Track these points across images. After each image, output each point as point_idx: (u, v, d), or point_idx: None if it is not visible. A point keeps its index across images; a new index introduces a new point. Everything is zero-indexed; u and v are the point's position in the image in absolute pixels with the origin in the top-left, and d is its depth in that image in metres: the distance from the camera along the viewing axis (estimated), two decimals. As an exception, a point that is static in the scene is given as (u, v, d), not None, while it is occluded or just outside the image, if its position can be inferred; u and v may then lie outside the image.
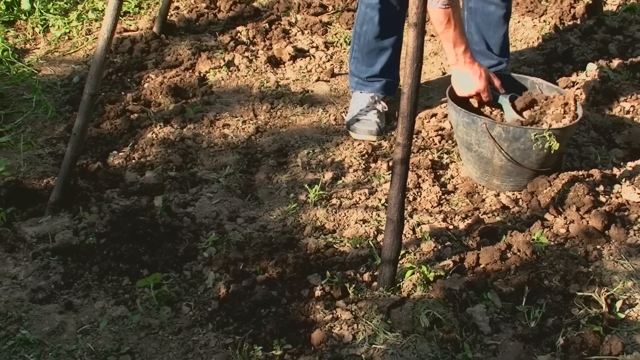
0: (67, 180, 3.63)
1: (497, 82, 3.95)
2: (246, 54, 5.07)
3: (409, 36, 2.90)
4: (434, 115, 4.43)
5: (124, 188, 3.84)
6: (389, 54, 4.35)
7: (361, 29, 4.33)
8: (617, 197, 3.68)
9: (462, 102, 3.89)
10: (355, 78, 4.44)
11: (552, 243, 3.39)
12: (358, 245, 3.46)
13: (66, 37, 5.36)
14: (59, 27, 5.42)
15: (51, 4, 5.63)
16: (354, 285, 3.17)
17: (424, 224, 3.59)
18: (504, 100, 3.91)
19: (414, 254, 3.38)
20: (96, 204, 3.68)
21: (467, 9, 4.43)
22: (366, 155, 4.10)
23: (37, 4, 5.55)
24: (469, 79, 3.90)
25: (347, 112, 4.45)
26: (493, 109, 3.95)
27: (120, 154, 4.12)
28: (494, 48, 4.40)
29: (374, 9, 4.23)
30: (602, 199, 3.65)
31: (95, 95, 3.57)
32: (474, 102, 3.96)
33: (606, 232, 3.44)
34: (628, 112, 4.36)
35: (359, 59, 4.41)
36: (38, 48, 5.26)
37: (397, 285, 3.16)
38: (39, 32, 5.39)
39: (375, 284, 3.19)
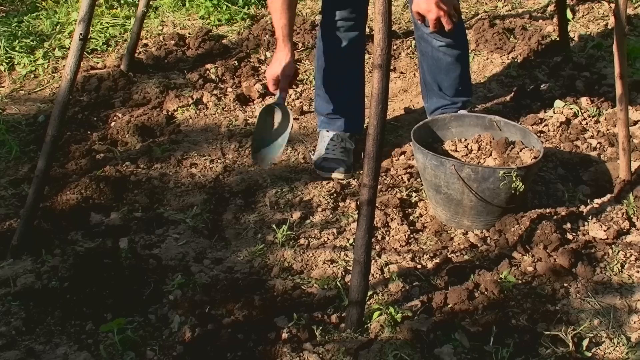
0: (29, 222, 3.58)
1: (282, 84, 4.06)
2: (215, 92, 5.06)
3: (373, 77, 2.90)
4: (403, 153, 4.43)
5: (89, 229, 3.79)
6: (345, 90, 4.37)
7: (317, 63, 4.38)
8: (584, 235, 3.69)
9: (429, 145, 3.90)
10: (320, 116, 4.46)
11: (519, 282, 3.38)
12: (326, 286, 3.43)
13: (32, 75, 5.33)
14: (24, 65, 5.39)
15: (17, 41, 5.60)
16: (321, 327, 3.13)
17: (392, 263, 3.57)
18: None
19: (382, 295, 3.36)
20: (60, 246, 3.63)
21: (419, 51, 4.44)
22: (335, 194, 4.08)
23: (2, 41, 5.52)
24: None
25: (314, 151, 4.44)
26: (460, 150, 3.97)
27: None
28: (447, 90, 4.39)
29: (323, 42, 4.30)
30: (569, 236, 3.65)
31: (58, 136, 3.54)
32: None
33: (573, 269, 3.44)
34: (595, 148, 4.38)
35: (320, 96, 4.44)
36: (3, 86, 5.22)
37: (365, 326, 3.13)
38: (4, 70, 5.35)
39: (342, 325, 3.15)
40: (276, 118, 4.13)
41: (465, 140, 4.01)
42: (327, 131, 4.43)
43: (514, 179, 3.56)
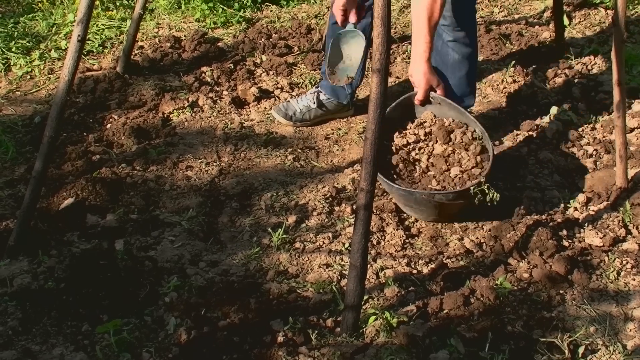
0: (26, 223, 3.58)
1: (349, 10, 4.21)
2: (210, 94, 5.05)
3: (371, 82, 2.90)
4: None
5: (85, 231, 3.78)
6: None
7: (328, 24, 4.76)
8: (579, 242, 3.69)
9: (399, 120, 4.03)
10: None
11: (515, 288, 3.39)
12: (321, 290, 3.43)
13: (28, 77, 5.32)
14: (20, 66, 5.38)
15: (13, 42, 5.59)
16: (316, 331, 3.13)
17: (388, 268, 3.57)
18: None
19: (378, 299, 3.36)
20: (56, 247, 3.63)
21: None
22: (330, 199, 4.08)
23: (-2, 42, 5.52)
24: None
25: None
26: (411, 141, 4.02)
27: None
28: (450, 90, 4.37)
29: (332, 16, 4.53)
30: (565, 243, 3.66)
31: (55, 137, 3.54)
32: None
33: (569, 276, 3.45)
34: (591, 155, 4.38)
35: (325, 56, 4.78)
36: (-1, 87, 5.22)
37: (360, 331, 3.13)
38: (0, 71, 5.34)
39: (338, 329, 3.16)
40: (348, 45, 4.26)
41: (410, 127, 4.05)
42: (317, 87, 4.84)
43: (487, 191, 3.59)
